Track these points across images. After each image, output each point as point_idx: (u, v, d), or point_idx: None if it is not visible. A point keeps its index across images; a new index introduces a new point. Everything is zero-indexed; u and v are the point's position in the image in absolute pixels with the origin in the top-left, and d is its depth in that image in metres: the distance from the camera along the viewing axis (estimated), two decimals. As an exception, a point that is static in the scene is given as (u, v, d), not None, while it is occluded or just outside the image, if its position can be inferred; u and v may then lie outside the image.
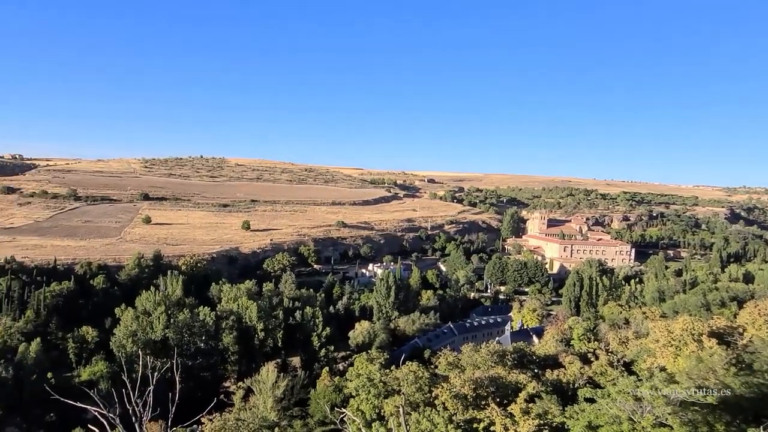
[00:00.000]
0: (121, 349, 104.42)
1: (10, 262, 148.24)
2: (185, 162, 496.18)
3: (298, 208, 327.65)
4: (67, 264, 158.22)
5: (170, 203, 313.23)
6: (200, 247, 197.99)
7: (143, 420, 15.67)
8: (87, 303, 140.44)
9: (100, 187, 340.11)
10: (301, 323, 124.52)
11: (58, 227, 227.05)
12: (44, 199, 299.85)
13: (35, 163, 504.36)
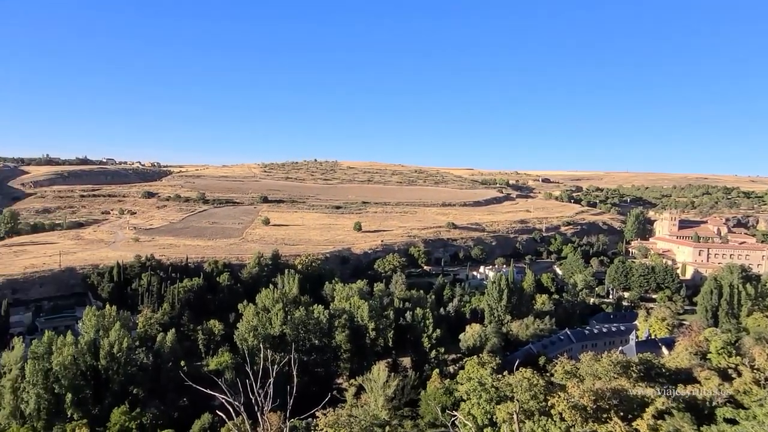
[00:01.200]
0: (243, 342, 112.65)
1: (150, 259, 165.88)
2: (301, 166, 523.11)
3: (408, 209, 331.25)
4: (197, 262, 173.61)
5: (287, 205, 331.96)
6: (314, 247, 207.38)
7: (264, 409, 16.62)
8: (214, 298, 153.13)
9: (225, 190, 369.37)
10: (412, 324, 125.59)
11: (189, 228, 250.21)
12: (178, 202, 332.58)
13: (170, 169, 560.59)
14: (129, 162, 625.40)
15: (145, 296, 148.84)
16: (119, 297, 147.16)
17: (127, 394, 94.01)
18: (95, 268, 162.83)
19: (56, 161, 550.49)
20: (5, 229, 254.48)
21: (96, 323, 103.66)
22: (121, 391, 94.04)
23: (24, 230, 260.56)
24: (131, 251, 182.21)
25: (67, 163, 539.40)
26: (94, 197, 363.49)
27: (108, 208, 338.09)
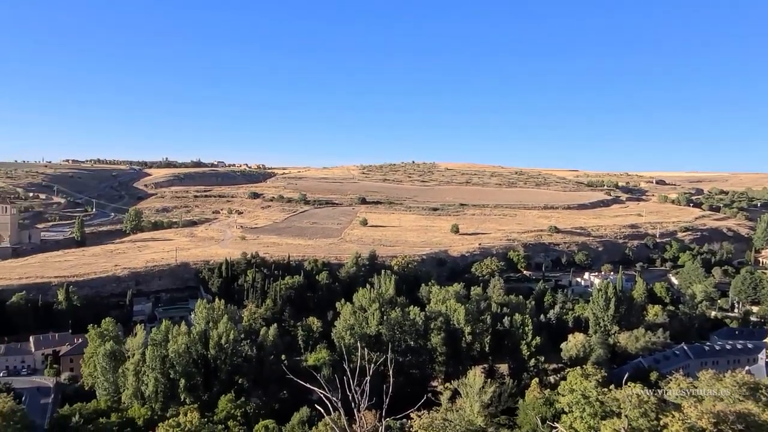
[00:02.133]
0: (340, 340, 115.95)
1: (255, 257, 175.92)
2: (398, 167, 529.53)
3: (508, 212, 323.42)
4: (298, 260, 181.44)
5: (384, 206, 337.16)
6: (411, 248, 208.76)
7: (361, 407, 16.98)
8: (313, 296, 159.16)
9: (325, 192, 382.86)
10: (510, 330, 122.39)
11: (291, 228, 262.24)
12: (281, 203, 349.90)
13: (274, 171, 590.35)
14: (237, 164, 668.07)
15: (250, 292, 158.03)
16: (227, 291, 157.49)
17: (233, 384, 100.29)
18: (206, 264, 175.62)
19: (174, 164, 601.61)
20: (131, 225, 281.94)
21: (206, 315, 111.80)
22: (227, 380, 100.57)
23: (146, 227, 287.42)
24: (238, 249, 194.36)
25: (183, 166, 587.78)
26: (206, 197, 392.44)
27: (218, 208, 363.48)
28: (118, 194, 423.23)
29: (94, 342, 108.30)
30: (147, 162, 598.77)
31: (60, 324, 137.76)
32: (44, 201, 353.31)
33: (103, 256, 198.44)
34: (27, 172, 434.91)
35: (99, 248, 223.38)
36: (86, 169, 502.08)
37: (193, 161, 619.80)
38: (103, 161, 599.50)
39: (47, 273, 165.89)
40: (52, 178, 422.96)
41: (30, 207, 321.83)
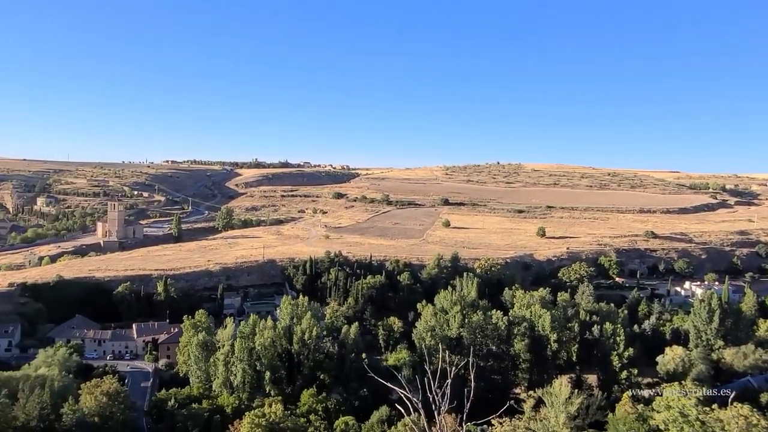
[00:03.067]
0: (421, 341, 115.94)
1: (338, 255, 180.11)
2: (482, 168, 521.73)
3: (599, 215, 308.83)
4: (380, 260, 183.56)
5: (467, 208, 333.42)
6: (495, 251, 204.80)
7: (441, 409, 16.85)
8: (394, 296, 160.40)
9: (407, 192, 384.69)
10: (599, 339, 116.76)
11: (373, 228, 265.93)
12: (364, 203, 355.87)
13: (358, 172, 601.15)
14: (322, 165, 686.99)
15: (332, 290, 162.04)
16: (311, 289, 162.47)
17: (315, 379, 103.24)
18: (291, 262, 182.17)
19: (263, 164, 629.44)
20: (222, 223, 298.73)
21: (291, 311, 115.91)
22: (310, 375, 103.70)
23: (236, 225, 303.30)
24: (322, 247, 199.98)
25: (271, 167, 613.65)
26: (293, 197, 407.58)
27: (303, 207, 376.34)
28: (211, 193, 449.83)
29: (188, 332, 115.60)
30: (238, 162, 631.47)
31: (159, 313, 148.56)
32: (147, 199, 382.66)
33: (197, 252, 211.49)
34: (132, 172, 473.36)
35: (194, 244, 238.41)
36: (184, 170, 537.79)
37: (280, 162, 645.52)
38: (198, 162, 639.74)
39: (148, 266, 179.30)
40: (154, 177, 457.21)
41: (135, 204, 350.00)
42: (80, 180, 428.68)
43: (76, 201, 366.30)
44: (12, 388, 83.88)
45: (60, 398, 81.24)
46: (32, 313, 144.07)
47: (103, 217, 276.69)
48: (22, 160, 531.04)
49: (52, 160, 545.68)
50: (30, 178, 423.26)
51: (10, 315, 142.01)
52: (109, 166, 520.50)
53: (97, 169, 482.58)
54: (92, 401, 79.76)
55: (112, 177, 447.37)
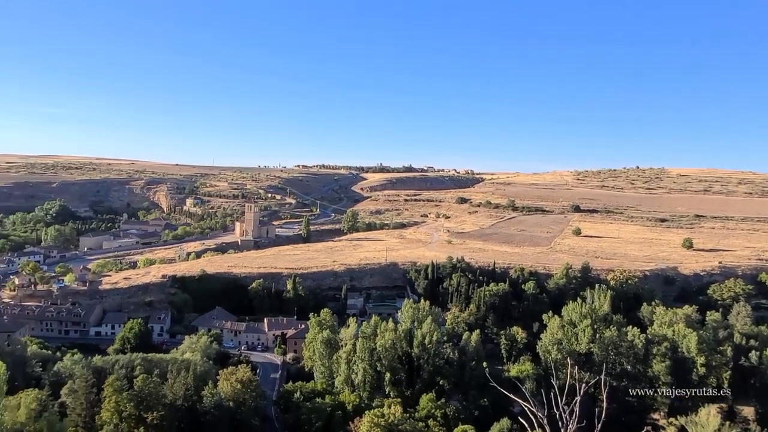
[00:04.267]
0: (546, 354, 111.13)
1: (460, 261, 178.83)
2: (619, 173, 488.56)
3: (760, 226, 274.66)
4: (504, 267, 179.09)
5: (601, 216, 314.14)
6: (631, 263, 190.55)
7: (569, 428, 15.96)
8: (518, 305, 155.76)
9: (535, 198, 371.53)
10: (758, 367, 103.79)
11: (497, 234, 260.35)
12: (488, 208, 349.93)
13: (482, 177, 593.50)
14: (446, 170, 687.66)
15: (454, 295, 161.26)
16: (432, 293, 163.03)
17: (435, 384, 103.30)
18: (413, 265, 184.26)
19: (387, 169, 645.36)
20: (348, 225, 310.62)
21: (412, 315, 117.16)
22: (429, 380, 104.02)
23: (361, 227, 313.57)
24: (444, 252, 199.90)
25: (395, 171, 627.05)
26: (416, 201, 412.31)
27: (426, 212, 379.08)
28: (338, 196, 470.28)
29: (314, 329, 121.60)
30: (364, 167, 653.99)
31: (287, 310, 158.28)
32: (279, 201, 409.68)
33: (323, 252, 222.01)
34: (267, 176, 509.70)
35: (321, 245, 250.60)
36: (313, 174, 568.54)
37: (405, 167, 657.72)
38: (327, 166, 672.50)
39: (279, 264, 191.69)
40: (286, 181, 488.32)
41: (268, 206, 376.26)
42: (222, 183, 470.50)
43: (219, 202, 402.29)
44: (162, 369, 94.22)
45: (201, 381, 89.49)
46: (180, 303, 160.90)
47: (241, 218, 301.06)
48: (175, 165, 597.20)
49: (200, 164, 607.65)
50: (181, 181, 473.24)
51: (163, 304, 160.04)
52: (247, 170, 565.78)
53: (237, 173, 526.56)
54: (228, 387, 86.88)
55: (249, 180, 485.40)
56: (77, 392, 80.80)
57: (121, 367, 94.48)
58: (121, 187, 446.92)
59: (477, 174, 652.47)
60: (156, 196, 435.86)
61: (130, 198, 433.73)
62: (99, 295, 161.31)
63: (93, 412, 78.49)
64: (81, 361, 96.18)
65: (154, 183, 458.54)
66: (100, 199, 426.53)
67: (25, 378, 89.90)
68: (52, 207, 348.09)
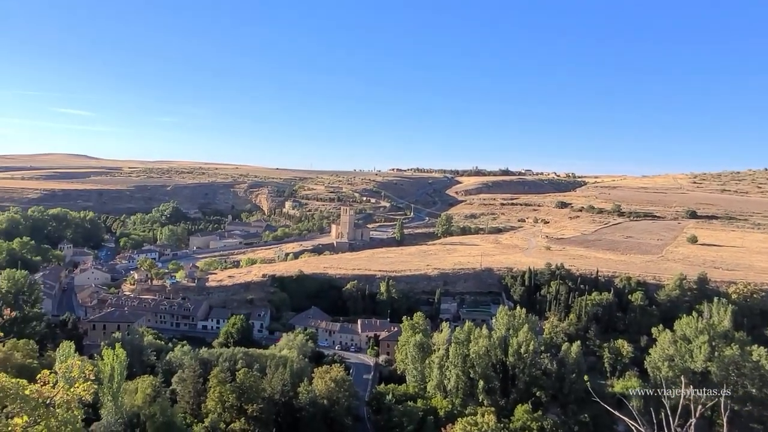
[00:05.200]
0: (655, 370, 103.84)
1: (559, 268, 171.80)
2: (743, 176, 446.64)
3: None
4: (607, 276, 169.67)
5: (721, 222, 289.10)
6: (757, 275, 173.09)
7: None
8: (624, 317, 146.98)
9: (643, 203, 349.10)
10: None
11: (601, 241, 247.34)
12: (590, 213, 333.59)
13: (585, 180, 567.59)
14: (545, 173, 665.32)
15: (552, 304, 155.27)
16: (528, 301, 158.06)
17: (531, 395, 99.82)
18: (509, 271, 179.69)
19: (483, 172, 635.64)
20: (442, 229, 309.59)
21: (507, 322, 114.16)
22: (525, 390, 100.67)
23: (455, 232, 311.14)
24: (542, 258, 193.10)
25: (491, 174, 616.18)
26: (512, 205, 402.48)
27: (523, 216, 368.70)
28: (432, 200, 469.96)
29: (406, 332, 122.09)
30: (458, 170, 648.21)
31: (380, 312, 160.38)
32: (374, 204, 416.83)
33: (417, 256, 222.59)
34: (362, 180, 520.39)
35: (414, 248, 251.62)
36: (407, 177, 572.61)
37: (501, 170, 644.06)
38: (421, 170, 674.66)
39: (373, 266, 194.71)
40: (380, 184, 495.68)
41: (363, 209, 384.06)
42: (319, 186, 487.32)
43: (316, 205, 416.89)
44: (262, 364, 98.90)
45: (297, 378, 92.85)
46: (278, 302, 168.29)
47: (337, 221, 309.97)
48: (275, 169, 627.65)
49: (299, 168, 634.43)
50: (281, 184, 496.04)
51: (263, 301, 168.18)
52: (343, 174, 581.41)
53: (333, 177, 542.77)
54: (323, 385, 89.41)
55: (345, 184, 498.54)
56: (186, 381, 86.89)
57: (224, 360, 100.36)
58: (227, 191, 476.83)
59: (579, 177, 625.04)
60: (258, 199, 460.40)
61: (235, 200, 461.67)
62: (206, 291, 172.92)
63: (199, 400, 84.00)
64: (189, 352, 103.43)
65: (256, 186, 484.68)
66: (208, 201, 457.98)
67: (141, 365, 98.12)
68: (167, 209, 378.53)
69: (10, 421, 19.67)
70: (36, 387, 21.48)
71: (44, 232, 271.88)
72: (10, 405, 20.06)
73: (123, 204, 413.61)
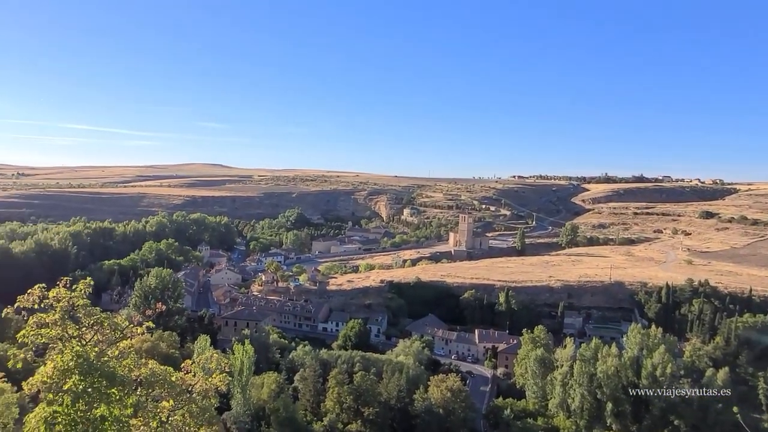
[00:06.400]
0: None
1: (703, 285, 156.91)
2: None
3: None
4: (763, 296, 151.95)
5: None
6: None
7: None
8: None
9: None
10: None
11: (755, 255, 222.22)
12: (742, 225, 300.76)
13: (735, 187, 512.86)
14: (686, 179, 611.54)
15: (694, 324, 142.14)
16: (665, 319, 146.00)
17: (668, 423, 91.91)
18: (643, 286, 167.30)
19: (613, 179, 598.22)
20: (566, 239, 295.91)
21: (640, 341, 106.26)
22: (660, 417, 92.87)
23: (581, 242, 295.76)
24: (682, 274, 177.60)
25: (622, 181, 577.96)
26: (647, 215, 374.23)
27: (660, 227, 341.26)
28: (555, 208, 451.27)
29: (526, 345, 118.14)
30: (585, 177, 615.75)
31: (499, 323, 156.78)
32: (493, 213, 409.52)
33: (539, 266, 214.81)
34: (482, 187, 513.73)
35: (536, 258, 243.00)
36: (529, 185, 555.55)
37: (634, 176, 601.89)
38: (544, 177, 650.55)
39: (492, 276, 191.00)
40: (501, 192, 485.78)
41: (482, 218, 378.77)
42: (437, 194, 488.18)
43: (434, 212, 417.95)
44: (378, 368, 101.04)
45: (413, 385, 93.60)
46: (395, 307, 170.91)
47: (455, 228, 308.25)
48: (394, 176, 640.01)
49: (417, 176, 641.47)
50: (400, 192, 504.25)
51: (380, 307, 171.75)
52: (461, 181, 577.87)
53: (452, 185, 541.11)
54: (438, 393, 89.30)
55: (463, 191, 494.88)
56: (307, 380, 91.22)
57: (343, 362, 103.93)
58: (347, 197, 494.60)
59: (728, 184, 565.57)
60: (377, 206, 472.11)
61: (355, 207, 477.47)
62: (326, 294, 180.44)
63: (319, 399, 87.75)
64: (310, 352, 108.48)
65: (375, 194, 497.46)
66: (330, 207, 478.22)
67: (267, 362, 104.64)
68: (292, 214, 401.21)
69: (159, 404, 21.90)
70: (180, 375, 23.73)
71: (186, 234, 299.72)
72: (158, 389, 22.29)
73: (253, 210, 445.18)
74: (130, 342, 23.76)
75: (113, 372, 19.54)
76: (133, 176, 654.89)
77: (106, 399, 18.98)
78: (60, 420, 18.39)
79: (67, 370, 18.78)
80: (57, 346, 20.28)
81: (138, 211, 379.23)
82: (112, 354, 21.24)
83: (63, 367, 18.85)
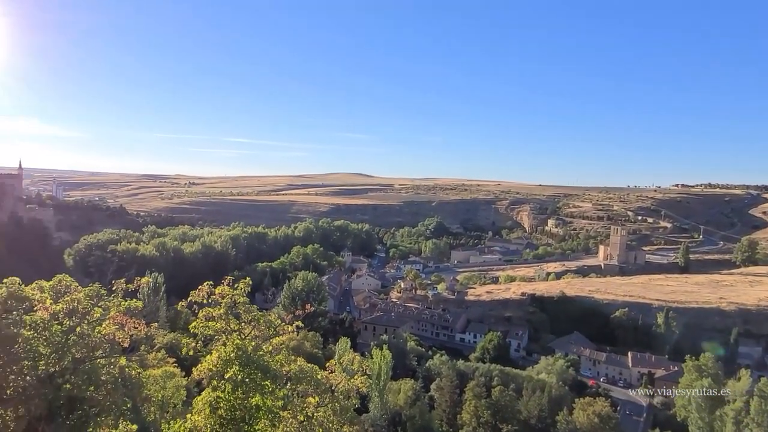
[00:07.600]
0: None
1: None
2: None
3: None
4: None
5: None
6: None
7: None
8: None
9: None
10: None
11: None
12: None
13: None
14: None
15: None
16: None
17: None
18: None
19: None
20: (742, 257, 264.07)
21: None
22: None
23: (761, 260, 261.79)
24: None
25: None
26: None
27: None
28: (729, 221, 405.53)
29: (690, 374, 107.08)
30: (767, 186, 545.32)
31: (655, 346, 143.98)
32: (651, 225, 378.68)
33: (706, 286, 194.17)
34: (637, 197, 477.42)
35: (702, 277, 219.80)
36: (695, 194, 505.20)
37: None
38: (714, 185, 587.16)
39: (648, 294, 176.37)
40: (660, 202, 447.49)
41: (638, 230, 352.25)
42: (586, 204, 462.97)
43: (581, 224, 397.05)
44: (518, 385, 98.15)
45: (555, 405, 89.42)
46: (537, 322, 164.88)
47: (605, 241, 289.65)
48: (537, 185, 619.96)
49: (563, 185, 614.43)
50: (544, 201, 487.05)
51: (521, 320, 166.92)
52: (614, 190, 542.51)
53: (602, 194, 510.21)
54: (585, 418, 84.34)
55: (616, 201, 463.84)
56: (443, 390, 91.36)
57: (480, 375, 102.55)
58: (488, 207, 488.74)
59: None
60: (519, 216, 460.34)
61: (495, 217, 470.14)
62: (464, 304, 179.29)
63: (455, 410, 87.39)
64: (447, 362, 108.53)
65: (517, 203, 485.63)
66: (469, 217, 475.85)
67: (404, 368, 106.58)
68: (431, 223, 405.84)
69: (305, 400, 23.47)
70: (325, 374, 25.24)
71: (330, 240, 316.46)
72: (305, 385, 23.89)
73: (393, 218, 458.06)
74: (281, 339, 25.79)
75: (267, 365, 21.36)
76: (284, 185, 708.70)
77: (261, 390, 20.81)
78: (222, 405, 20.54)
79: (228, 360, 20.91)
80: (221, 338, 22.70)
81: (288, 217, 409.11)
82: (267, 349, 23.21)
83: (225, 357, 21.03)
